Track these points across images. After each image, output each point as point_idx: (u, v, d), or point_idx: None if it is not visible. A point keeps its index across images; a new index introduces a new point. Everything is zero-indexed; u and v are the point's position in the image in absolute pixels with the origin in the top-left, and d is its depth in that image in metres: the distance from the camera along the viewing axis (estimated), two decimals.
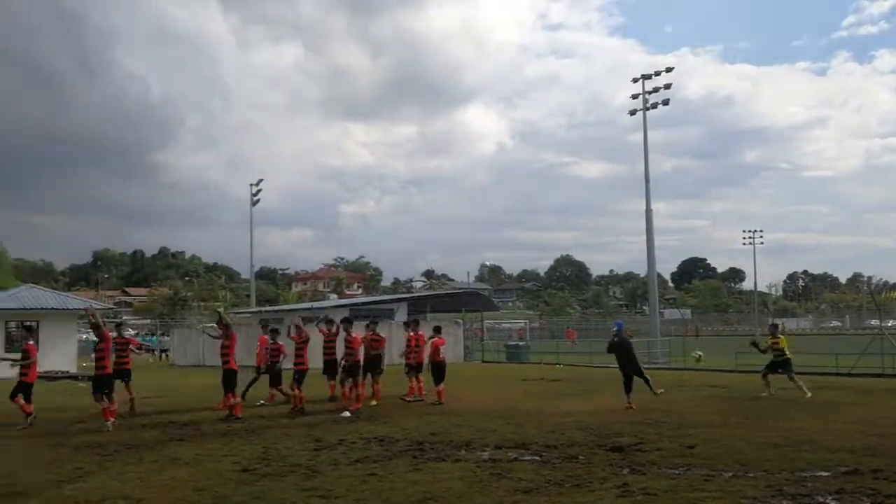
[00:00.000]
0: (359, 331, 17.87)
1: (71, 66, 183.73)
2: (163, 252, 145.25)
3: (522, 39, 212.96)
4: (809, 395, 17.24)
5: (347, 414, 15.37)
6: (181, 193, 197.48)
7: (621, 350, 16.53)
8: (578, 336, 52.58)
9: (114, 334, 16.67)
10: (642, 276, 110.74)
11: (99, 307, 45.83)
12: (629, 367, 16.38)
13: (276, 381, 17.90)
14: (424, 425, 13.76)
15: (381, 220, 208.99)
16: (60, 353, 33.51)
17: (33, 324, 33.11)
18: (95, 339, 15.40)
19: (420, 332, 18.73)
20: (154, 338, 56.12)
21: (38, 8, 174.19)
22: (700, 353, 27.61)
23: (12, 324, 34.31)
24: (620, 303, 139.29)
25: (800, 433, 12.09)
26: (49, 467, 10.28)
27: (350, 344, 16.82)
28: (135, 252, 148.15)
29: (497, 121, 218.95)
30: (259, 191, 57.28)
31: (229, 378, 15.69)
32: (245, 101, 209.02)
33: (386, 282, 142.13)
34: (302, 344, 17.04)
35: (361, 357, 17.02)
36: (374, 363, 17.55)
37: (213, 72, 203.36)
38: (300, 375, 16.63)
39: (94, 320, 15.26)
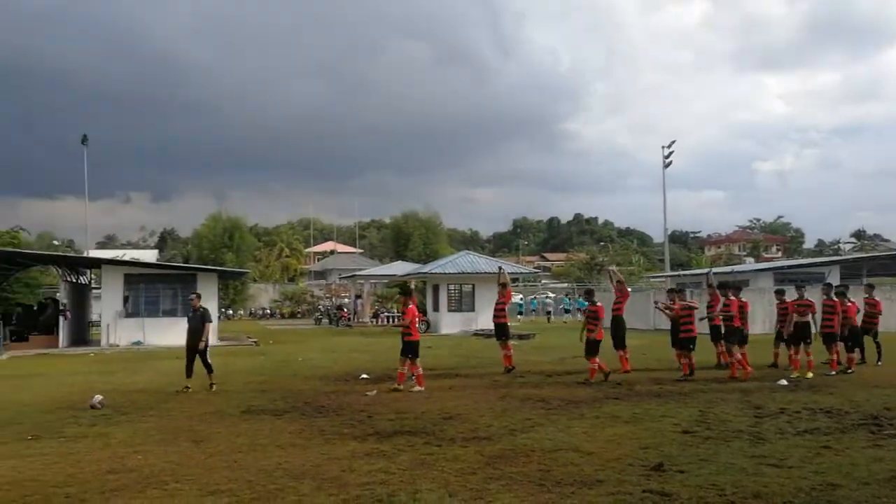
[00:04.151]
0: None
1: (490, 48, 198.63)
2: (577, 218, 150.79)
3: None
4: None
5: (784, 382, 14.55)
6: (591, 160, 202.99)
7: None
8: None
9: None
10: None
11: (524, 271, 49.12)
12: None
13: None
14: (876, 398, 12.52)
15: (800, 177, 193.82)
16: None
17: (468, 286, 36.54)
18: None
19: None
20: (568, 299, 58.32)
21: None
22: None
23: (452, 286, 38.23)
24: None
25: None
26: (502, 417, 11.22)
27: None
28: (551, 219, 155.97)
29: None
30: (671, 153, 56.61)
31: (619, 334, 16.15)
32: (650, 64, 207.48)
33: (808, 244, 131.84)
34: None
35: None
36: (803, 331, 16.30)
37: (617, 37, 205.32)
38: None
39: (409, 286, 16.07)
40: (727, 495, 6.72)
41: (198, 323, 15.13)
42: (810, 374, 15.66)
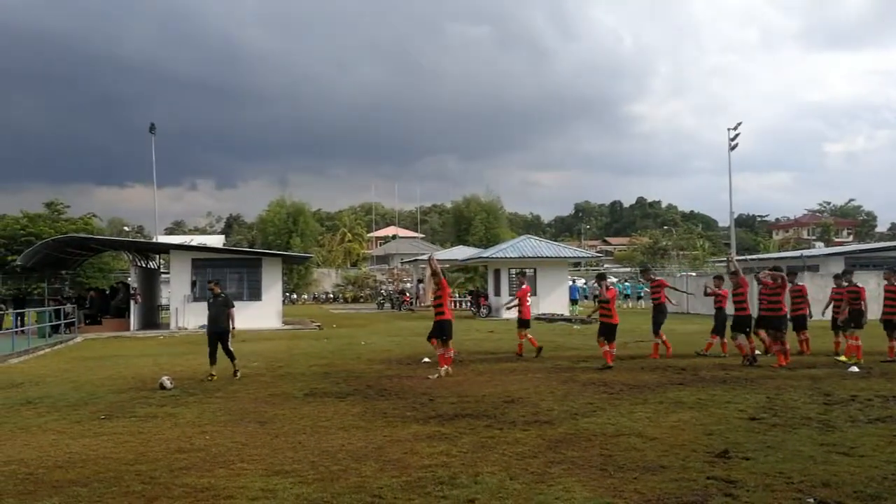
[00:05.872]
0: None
1: (552, 29, 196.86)
2: (640, 202, 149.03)
3: None
4: None
5: (856, 369, 14.16)
6: (654, 143, 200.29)
7: None
8: None
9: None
10: None
11: (584, 255, 48.72)
12: None
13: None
14: None
15: (873, 159, 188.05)
16: (556, 297, 36.49)
17: (529, 270, 36.43)
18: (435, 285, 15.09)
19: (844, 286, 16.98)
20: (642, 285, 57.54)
21: None
22: None
23: (513, 270, 38.14)
24: None
25: None
26: (563, 401, 11.17)
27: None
28: (613, 203, 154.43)
29: None
30: (737, 135, 55.30)
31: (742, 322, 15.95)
32: (716, 44, 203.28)
33: (881, 227, 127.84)
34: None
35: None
36: (855, 317, 16.09)
37: (682, 17, 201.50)
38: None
39: (432, 267, 15.29)
40: (794, 483, 6.56)
41: (219, 309, 14.69)
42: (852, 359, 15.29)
